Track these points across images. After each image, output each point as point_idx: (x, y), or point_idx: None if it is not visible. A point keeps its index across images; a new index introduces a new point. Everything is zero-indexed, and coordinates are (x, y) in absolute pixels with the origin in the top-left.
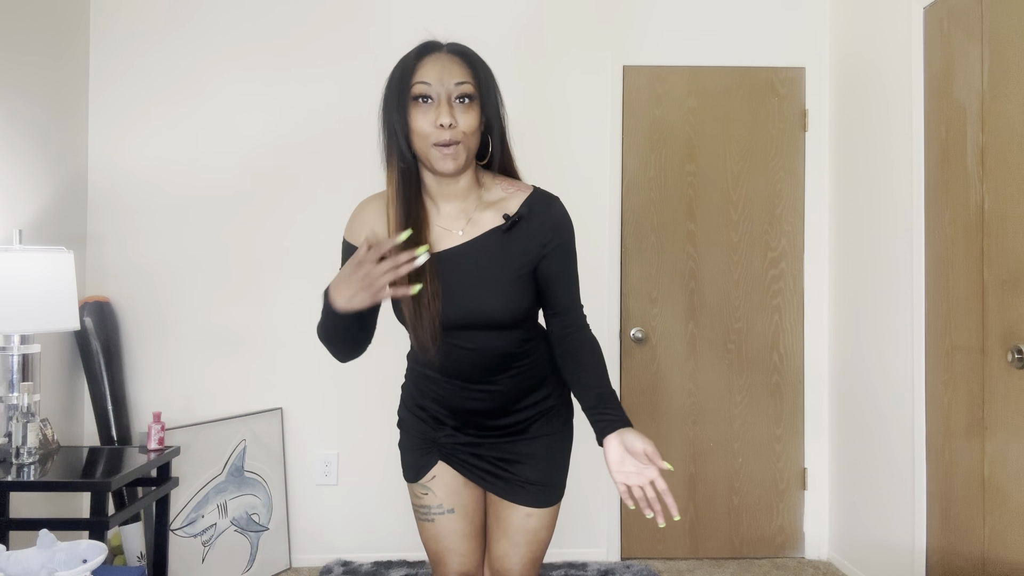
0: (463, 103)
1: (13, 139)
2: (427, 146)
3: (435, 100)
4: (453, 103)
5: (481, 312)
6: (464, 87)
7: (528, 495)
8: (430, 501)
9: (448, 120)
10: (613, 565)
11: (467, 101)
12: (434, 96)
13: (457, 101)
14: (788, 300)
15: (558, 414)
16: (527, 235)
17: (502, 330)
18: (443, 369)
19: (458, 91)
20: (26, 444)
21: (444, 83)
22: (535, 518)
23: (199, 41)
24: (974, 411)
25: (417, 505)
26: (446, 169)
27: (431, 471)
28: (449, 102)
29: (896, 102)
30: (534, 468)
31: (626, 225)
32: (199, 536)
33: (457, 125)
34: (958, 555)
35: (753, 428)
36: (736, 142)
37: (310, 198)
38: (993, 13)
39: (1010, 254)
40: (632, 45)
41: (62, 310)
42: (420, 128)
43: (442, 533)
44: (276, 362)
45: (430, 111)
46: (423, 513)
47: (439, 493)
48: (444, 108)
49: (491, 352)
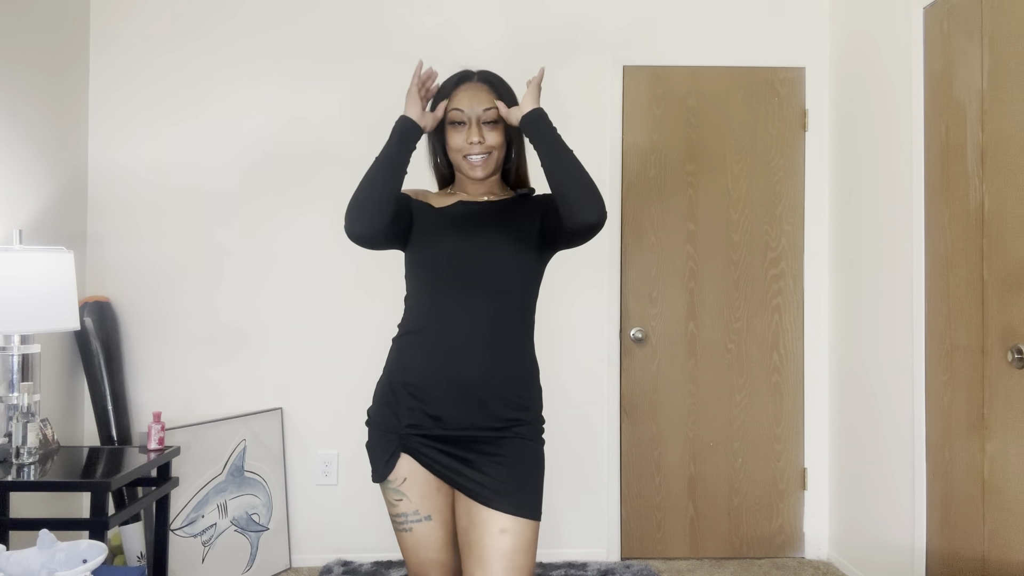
0: (489, 126)
1: (13, 139)
2: (460, 158)
3: (467, 123)
4: (482, 125)
5: (496, 250)
6: (490, 112)
7: (500, 499)
8: (405, 508)
9: (477, 139)
10: (613, 565)
11: (493, 125)
12: (466, 120)
13: (485, 125)
14: (788, 300)
15: (533, 432)
16: (530, 207)
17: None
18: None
19: (486, 116)
20: (26, 444)
21: (474, 109)
22: (510, 535)
23: (199, 42)
24: (974, 411)
25: (393, 515)
26: (476, 175)
27: (398, 467)
28: (479, 124)
29: (896, 102)
30: (505, 469)
31: (626, 225)
32: (199, 536)
33: (484, 142)
34: (958, 555)
35: (753, 428)
36: (736, 142)
37: (311, 198)
38: (993, 13)
39: (1010, 254)
40: (632, 45)
41: (62, 310)
42: (455, 144)
43: (422, 543)
44: (276, 362)
45: (463, 131)
46: (400, 523)
47: (413, 498)
48: (474, 129)
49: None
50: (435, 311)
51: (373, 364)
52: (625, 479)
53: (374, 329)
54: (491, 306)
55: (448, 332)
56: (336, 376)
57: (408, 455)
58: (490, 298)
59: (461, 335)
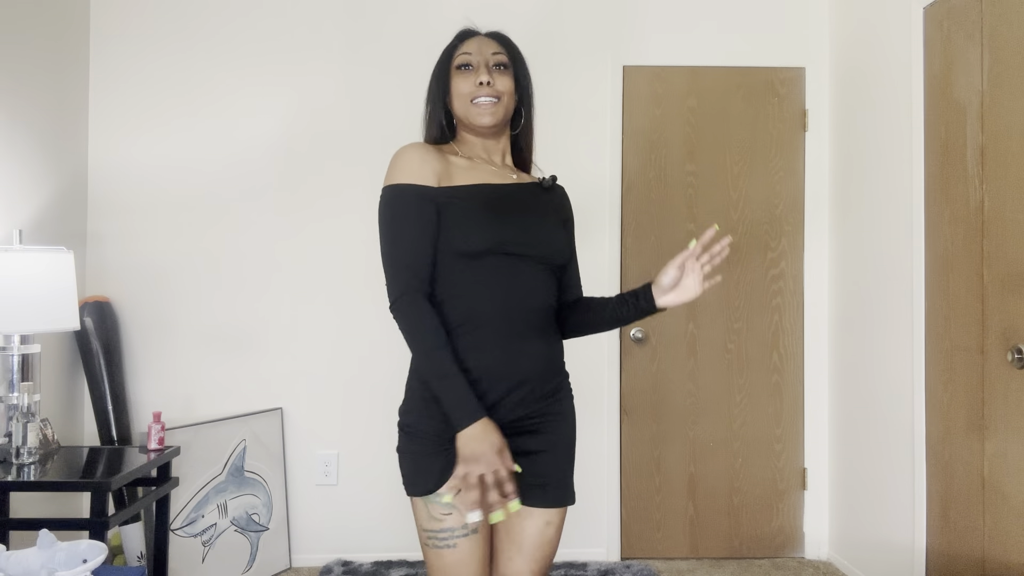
0: (499, 69)
1: (13, 139)
2: (467, 105)
3: (475, 67)
4: (491, 68)
5: (547, 239)
6: (500, 56)
7: (547, 495)
8: (454, 522)
9: (487, 78)
10: (613, 565)
11: (503, 68)
12: (474, 64)
13: (494, 67)
14: (788, 300)
15: (570, 404)
16: (556, 200)
17: (551, 274)
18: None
19: (495, 59)
20: (26, 444)
21: (483, 53)
22: (553, 527)
23: (200, 42)
24: (974, 411)
25: (435, 531)
26: (484, 122)
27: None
28: (487, 67)
29: (896, 102)
30: (550, 462)
31: (626, 225)
32: (199, 536)
33: (494, 84)
34: (958, 555)
35: (753, 428)
36: (736, 142)
37: (311, 198)
38: (993, 13)
39: (1010, 254)
40: (632, 45)
41: (62, 310)
42: (461, 90)
43: (465, 560)
44: (276, 362)
45: (471, 75)
46: (443, 539)
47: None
48: (483, 70)
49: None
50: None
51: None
52: (625, 479)
53: (375, 329)
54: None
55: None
56: (336, 376)
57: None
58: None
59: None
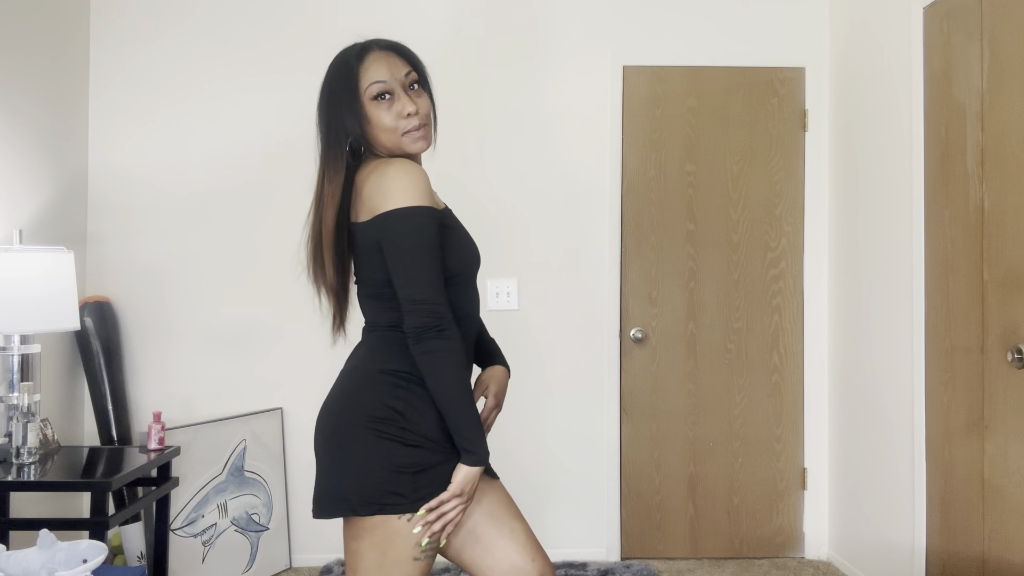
0: (415, 89)
1: (13, 139)
2: (396, 137)
3: (394, 94)
4: (409, 92)
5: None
6: (412, 75)
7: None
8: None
9: (413, 108)
10: (613, 565)
11: (417, 87)
12: (391, 91)
13: (411, 89)
14: (788, 300)
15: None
16: None
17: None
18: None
19: (408, 80)
20: (26, 444)
21: (396, 76)
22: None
23: (200, 42)
24: (974, 411)
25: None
26: (420, 149)
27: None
28: (406, 92)
29: (896, 102)
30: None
31: (626, 225)
32: (199, 536)
33: (419, 109)
34: (958, 555)
35: (753, 428)
36: (736, 142)
37: (310, 199)
38: (993, 13)
39: (1010, 254)
40: (632, 45)
41: (62, 310)
42: (386, 123)
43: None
44: (276, 362)
45: (393, 105)
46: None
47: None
48: (405, 99)
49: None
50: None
51: None
52: (625, 479)
53: None
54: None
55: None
56: (336, 376)
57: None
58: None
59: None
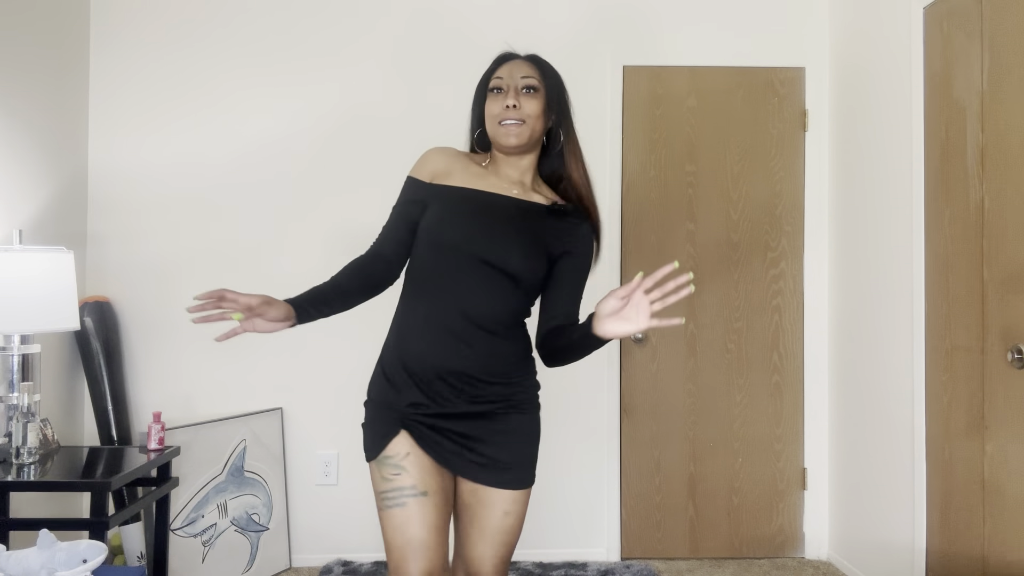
0: (528, 93)
1: (13, 139)
2: (495, 126)
3: (504, 90)
4: (519, 92)
5: (505, 253)
6: (529, 80)
7: (501, 476)
8: (403, 481)
9: (513, 102)
10: (613, 565)
11: (531, 92)
12: (504, 87)
13: (523, 91)
14: (788, 300)
15: (528, 403)
16: (563, 229)
17: (507, 291)
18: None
19: (524, 83)
20: (26, 444)
21: (513, 77)
22: (512, 516)
23: (199, 42)
24: (974, 411)
25: (385, 491)
26: (508, 143)
27: (398, 441)
28: (516, 91)
29: (896, 102)
30: (503, 447)
31: (626, 225)
32: (199, 536)
33: (521, 107)
34: (958, 555)
35: (753, 428)
36: (736, 142)
37: (311, 199)
38: (993, 13)
39: (1010, 254)
40: (632, 45)
41: (62, 310)
42: (490, 111)
43: (413, 520)
44: (276, 362)
45: (500, 98)
46: (392, 498)
47: (412, 472)
48: (511, 94)
49: (487, 305)
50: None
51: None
52: (625, 479)
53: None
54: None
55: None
56: (336, 376)
57: (404, 430)
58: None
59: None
